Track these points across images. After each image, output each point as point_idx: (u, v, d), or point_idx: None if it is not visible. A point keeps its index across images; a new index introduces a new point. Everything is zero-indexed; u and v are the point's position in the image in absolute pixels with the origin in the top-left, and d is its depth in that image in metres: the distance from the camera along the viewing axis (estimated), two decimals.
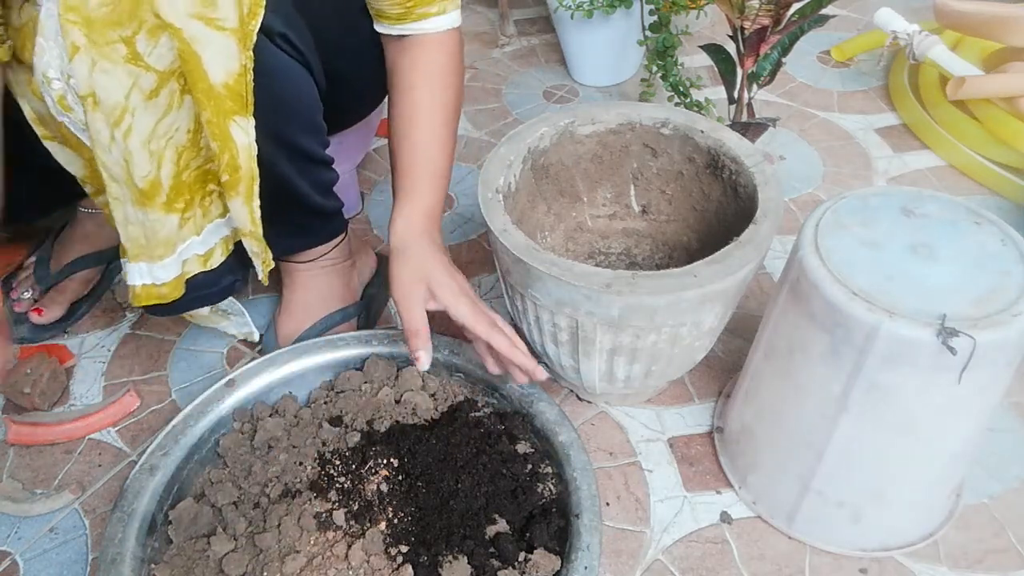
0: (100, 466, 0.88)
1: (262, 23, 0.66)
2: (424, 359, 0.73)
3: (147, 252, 0.73)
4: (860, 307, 0.61)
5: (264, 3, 0.66)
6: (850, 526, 0.75)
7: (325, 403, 0.83)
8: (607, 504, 0.82)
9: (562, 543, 0.70)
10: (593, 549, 0.68)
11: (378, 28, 0.80)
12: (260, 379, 0.84)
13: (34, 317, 0.99)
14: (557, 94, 1.48)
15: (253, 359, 0.86)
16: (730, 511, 0.81)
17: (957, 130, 1.26)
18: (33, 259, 1.05)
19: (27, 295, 1.01)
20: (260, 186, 0.72)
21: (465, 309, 0.73)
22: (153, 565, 0.70)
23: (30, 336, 1.00)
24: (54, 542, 0.81)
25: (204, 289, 0.80)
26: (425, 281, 0.74)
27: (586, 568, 0.67)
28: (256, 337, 0.97)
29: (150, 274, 0.75)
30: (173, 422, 0.79)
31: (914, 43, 1.30)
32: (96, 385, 0.97)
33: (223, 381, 0.84)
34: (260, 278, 0.81)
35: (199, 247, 0.76)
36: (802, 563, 0.77)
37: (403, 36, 0.79)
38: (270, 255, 0.80)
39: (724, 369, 0.95)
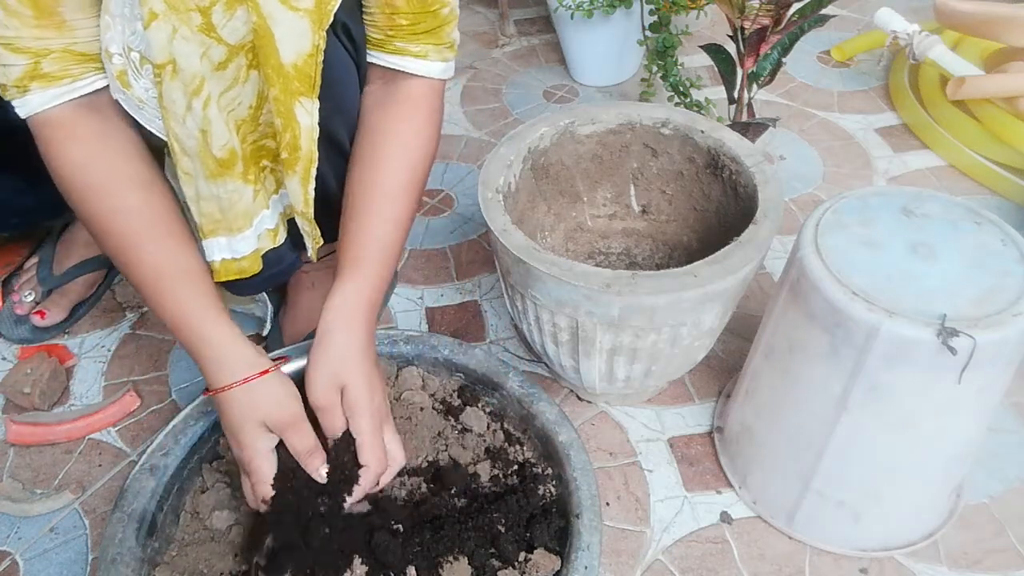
0: (100, 466, 0.88)
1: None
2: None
3: (224, 225, 0.72)
4: (860, 307, 0.61)
5: None
6: (850, 526, 0.75)
7: None
8: (607, 504, 0.82)
9: (562, 543, 0.70)
10: (593, 549, 0.68)
11: None
12: None
13: (36, 320, 0.99)
14: (557, 94, 1.48)
15: None
16: (730, 511, 0.81)
17: (957, 130, 1.26)
18: (35, 260, 1.05)
19: (29, 297, 1.01)
20: None
21: (363, 437, 0.68)
22: (153, 566, 0.70)
23: (31, 337, 1.00)
24: (54, 542, 0.81)
25: (275, 266, 0.80)
26: (340, 387, 0.68)
27: (586, 568, 0.66)
28: (267, 330, 0.96)
29: (229, 248, 0.74)
30: (173, 422, 0.79)
31: (914, 43, 1.30)
32: (96, 385, 0.97)
33: None
34: (310, 255, 0.80)
35: (269, 221, 0.76)
36: (802, 563, 0.77)
37: (384, 71, 0.75)
38: (318, 232, 0.79)
39: (724, 369, 0.95)
